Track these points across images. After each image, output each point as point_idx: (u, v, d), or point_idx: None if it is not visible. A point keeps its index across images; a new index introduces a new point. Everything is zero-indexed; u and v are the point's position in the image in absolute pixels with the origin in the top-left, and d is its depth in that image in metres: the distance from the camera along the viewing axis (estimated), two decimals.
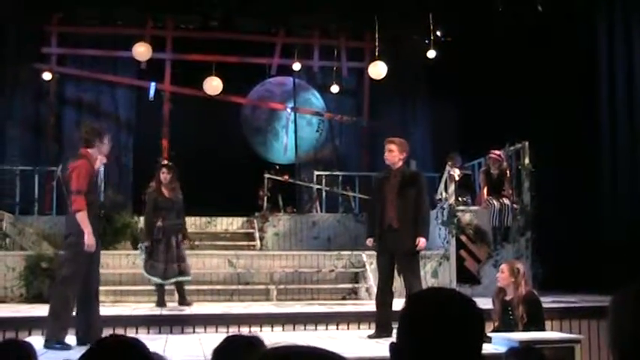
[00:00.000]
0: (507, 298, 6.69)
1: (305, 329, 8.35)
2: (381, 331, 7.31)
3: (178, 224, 9.82)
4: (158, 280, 9.61)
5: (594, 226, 11.63)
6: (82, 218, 6.56)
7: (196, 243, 10.45)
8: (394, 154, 7.52)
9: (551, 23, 12.74)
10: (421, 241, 7.29)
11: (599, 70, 11.78)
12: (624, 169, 11.29)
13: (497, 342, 6.10)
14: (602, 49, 11.78)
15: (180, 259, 9.66)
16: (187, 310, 9.17)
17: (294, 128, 15.36)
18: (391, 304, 7.39)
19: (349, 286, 11.21)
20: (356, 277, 11.36)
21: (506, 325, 6.62)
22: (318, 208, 14.19)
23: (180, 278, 9.68)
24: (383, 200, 7.51)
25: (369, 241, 7.71)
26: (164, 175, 9.77)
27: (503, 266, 6.85)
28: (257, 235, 13.12)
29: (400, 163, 7.54)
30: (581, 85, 12.15)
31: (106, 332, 7.24)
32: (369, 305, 8.95)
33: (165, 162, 10.07)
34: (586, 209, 11.82)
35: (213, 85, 14.24)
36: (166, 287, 9.76)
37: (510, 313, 6.62)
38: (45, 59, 14.76)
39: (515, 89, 13.42)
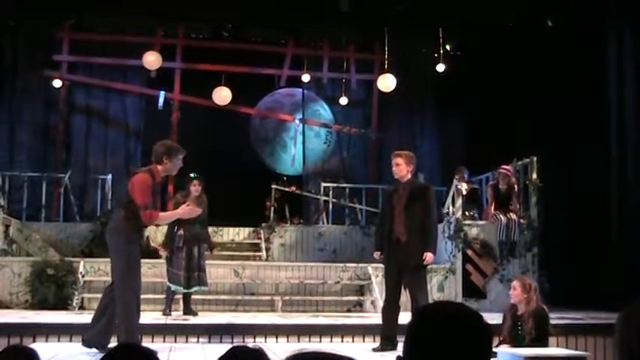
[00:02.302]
0: (519, 313, 6.67)
1: (310, 341, 8.32)
2: (387, 345, 7.29)
3: (201, 234, 9.85)
4: (180, 289, 9.62)
5: (601, 242, 11.58)
6: (164, 219, 6.96)
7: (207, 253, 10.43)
8: (401, 167, 7.50)
9: (560, 38, 12.74)
10: (428, 255, 7.25)
11: (609, 87, 11.76)
12: (633, 184, 11.25)
13: (503, 357, 6.07)
14: (611, 65, 11.77)
15: (200, 269, 9.68)
16: (192, 320, 9.16)
17: (302, 139, 15.37)
18: (397, 317, 7.36)
19: (354, 298, 11.19)
20: (361, 290, 11.34)
21: (513, 340, 6.60)
22: (325, 220, 14.18)
23: (200, 288, 9.72)
24: (391, 213, 7.48)
25: (377, 254, 7.69)
26: (195, 188, 9.70)
27: (515, 283, 6.80)
28: (263, 245, 13.12)
29: (409, 176, 7.52)
30: (591, 102, 12.12)
31: (111, 340, 7.24)
32: (375, 318, 8.93)
33: (194, 174, 9.95)
34: (593, 225, 11.78)
35: (222, 95, 14.26)
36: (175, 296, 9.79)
37: (520, 327, 6.60)
38: (55, 66, 14.81)
39: (524, 104, 13.43)
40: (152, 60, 13.89)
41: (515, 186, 11.71)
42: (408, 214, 7.36)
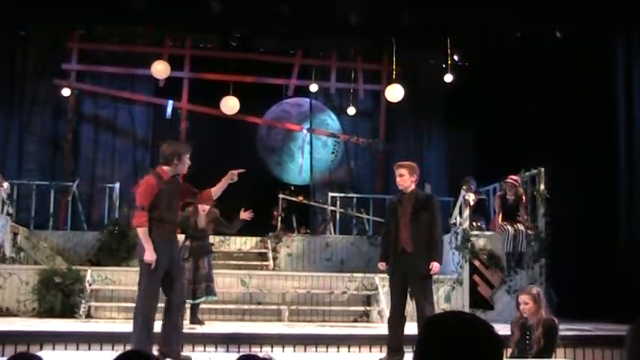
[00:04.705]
0: (529, 323, 6.62)
1: (316, 351, 8.30)
2: (393, 355, 7.26)
3: (209, 245, 9.85)
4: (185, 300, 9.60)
5: (609, 254, 11.54)
6: (142, 233, 6.51)
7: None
8: (405, 178, 7.47)
9: (568, 48, 12.74)
10: (435, 266, 7.23)
11: (617, 95, 11.74)
12: None
13: None
14: (619, 73, 11.75)
15: (208, 279, 9.66)
16: (199, 329, 9.14)
17: (310, 149, 15.38)
18: (403, 327, 7.33)
19: (361, 308, 11.16)
20: (368, 300, 11.32)
21: (521, 352, 6.56)
22: (332, 230, 14.17)
23: (208, 298, 9.70)
24: (396, 224, 7.46)
25: (381, 265, 7.66)
26: (202, 206, 9.55)
27: (525, 297, 6.67)
28: (270, 255, 13.11)
29: (413, 186, 7.49)
30: (599, 111, 12.11)
31: (117, 349, 7.25)
32: (381, 328, 8.91)
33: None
34: (601, 236, 11.75)
35: (230, 105, 14.30)
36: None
37: (528, 337, 6.54)
38: (64, 75, 14.87)
39: (531, 114, 13.42)
40: (160, 69, 13.94)
41: (523, 197, 11.66)
42: (413, 224, 7.34)
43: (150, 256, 6.44)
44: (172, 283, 6.69)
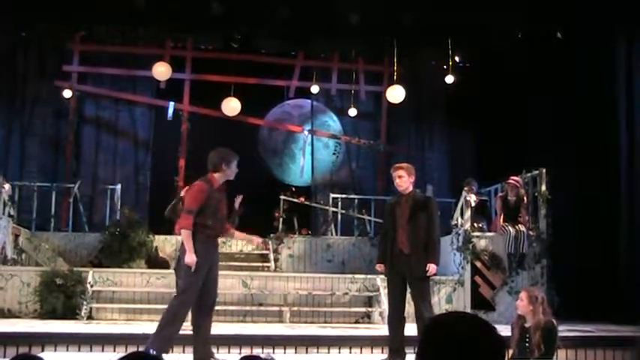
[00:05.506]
0: (527, 325, 6.62)
1: (317, 352, 8.30)
2: (395, 356, 7.26)
3: None
4: None
5: (611, 255, 11.53)
6: (185, 236, 6.60)
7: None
8: (404, 179, 7.47)
9: (570, 50, 12.74)
10: (432, 267, 7.23)
11: (618, 95, 11.73)
12: None
13: None
14: (620, 73, 11.74)
15: None
16: None
17: (311, 151, 15.36)
18: (404, 328, 7.34)
19: (363, 309, 11.16)
20: (370, 301, 11.31)
21: (522, 353, 6.56)
22: (333, 231, 14.16)
23: None
24: (394, 225, 7.46)
25: (379, 267, 7.65)
26: None
27: (522, 294, 6.75)
28: (271, 256, 13.10)
29: (411, 188, 7.51)
30: (601, 112, 12.10)
31: (119, 350, 7.26)
32: (383, 329, 8.90)
33: None
34: (603, 237, 11.74)
35: (231, 106, 14.30)
36: None
37: (527, 340, 6.55)
38: (66, 77, 14.87)
39: (532, 115, 13.41)
40: (162, 71, 13.95)
41: (525, 198, 11.67)
42: (411, 226, 7.33)
43: (190, 258, 6.52)
44: (208, 288, 6.77)
